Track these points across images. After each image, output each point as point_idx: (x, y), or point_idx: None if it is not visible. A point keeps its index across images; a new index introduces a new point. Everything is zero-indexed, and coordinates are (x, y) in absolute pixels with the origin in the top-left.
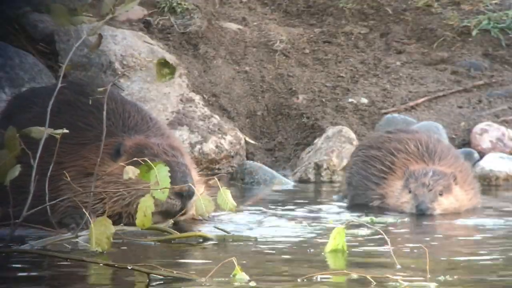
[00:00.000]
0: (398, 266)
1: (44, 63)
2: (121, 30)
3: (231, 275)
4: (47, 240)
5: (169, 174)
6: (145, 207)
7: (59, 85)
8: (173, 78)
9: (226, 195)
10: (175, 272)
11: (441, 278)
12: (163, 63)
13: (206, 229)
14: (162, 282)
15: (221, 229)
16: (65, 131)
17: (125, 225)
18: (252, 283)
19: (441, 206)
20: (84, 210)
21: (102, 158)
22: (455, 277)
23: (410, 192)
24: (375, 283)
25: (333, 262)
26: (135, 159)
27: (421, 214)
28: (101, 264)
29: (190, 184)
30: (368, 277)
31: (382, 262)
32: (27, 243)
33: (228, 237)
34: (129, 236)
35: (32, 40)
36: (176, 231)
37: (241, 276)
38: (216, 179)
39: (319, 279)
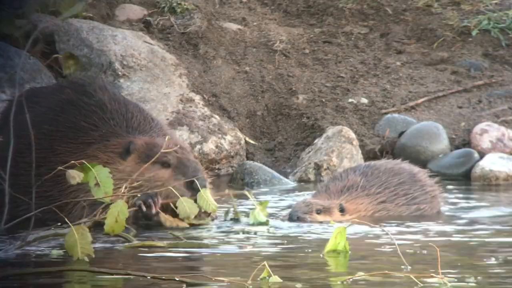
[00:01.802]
0: (409, 267)
1: (44, 63)
2: (121, 30)
3: (259, 278)
4: (6, 249)
5: (181, 169)
6: (117, 212)
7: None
8: (77, 69)
9: (207, 196)
10: (226, 280)
11: (472, 279)
12: (69, 56)
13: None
14: None
15: (175, 235)
16: (1, 139)
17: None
18: (299, 285)
19: (314, 220)
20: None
21: (111, 157)
22: (479, 278)
23: None
24: (421, 284)
25: (336, 263)
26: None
27: (292, 221)
28: (148, 277)
29: (201, 178)
30: (412, 276)
31: (388, 262)
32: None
33: (181, 244)
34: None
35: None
36: (132, 238)
37: (274, 279)
38: (196, 180)
39: (357, 280)
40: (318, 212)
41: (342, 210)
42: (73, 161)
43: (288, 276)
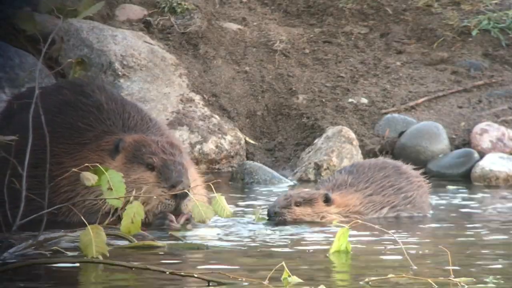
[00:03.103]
0: (414, 267)
1: (44, 63)
2: (121, 30)
3: (281, 278)
4: (20, 247)
5: (165, 173)
6: (133, 214)
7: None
8: (84, 72)
9: (222, 201)
10: (244, 279)
11: (489, 279)
12: (80, 62)
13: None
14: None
15: (176, 237)
16: (16, 138)
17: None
18: (323, 287)
19: (292, 214)
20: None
21: (101, 157)
22: (498, 277)
23: None
24: (436, 286)
25: (339, 263)
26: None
27: (270, 217)
28: (167, 272)
29: (184, 183)
30: (430, 280)
31: (393, 263)
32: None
33: (180, 245)
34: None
35: (32, 40)
36: (132, 238)
37: (294, 279)
38: (212, 185)
39: (370, 283)
40: (298, 204)
41: (327, 200)
42: (87, 164)
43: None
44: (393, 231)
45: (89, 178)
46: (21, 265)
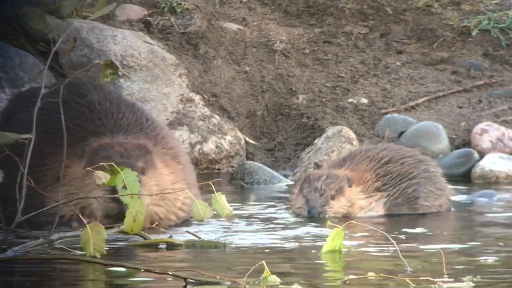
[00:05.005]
0: (409, 269)
1: (44, 63)
2: (121, 30)
3: (261, 278)
4: (26, 245)
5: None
6: (135, 212)
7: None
8: (115, 78)
9: (222, 200)
10: (218, 277)
11: (467, 278)
12: (109, 64)
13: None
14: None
15: (193, 234)
16: (30, 136)
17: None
18: (297, 286)
19: (332, 209)
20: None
21: (72, 161)
22: (478, 277)
23: (304, 197)
24: (413, 285)
25: (330, 263)
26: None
27: (312, 217)
28: (142, 270)
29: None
30: (408, 280)
31: (388, 263)
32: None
33: (197, 243)
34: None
35: (32, 40)
36: (148, 235)
37: (273, 278)
38: (212, 184)
39: (354, 282)
40: (333, 197)
41: (349, 184)
42: (102, 163)
43: (286, 276)
44: (390, 230)
45: (101, 177)
46: (17, 259)
